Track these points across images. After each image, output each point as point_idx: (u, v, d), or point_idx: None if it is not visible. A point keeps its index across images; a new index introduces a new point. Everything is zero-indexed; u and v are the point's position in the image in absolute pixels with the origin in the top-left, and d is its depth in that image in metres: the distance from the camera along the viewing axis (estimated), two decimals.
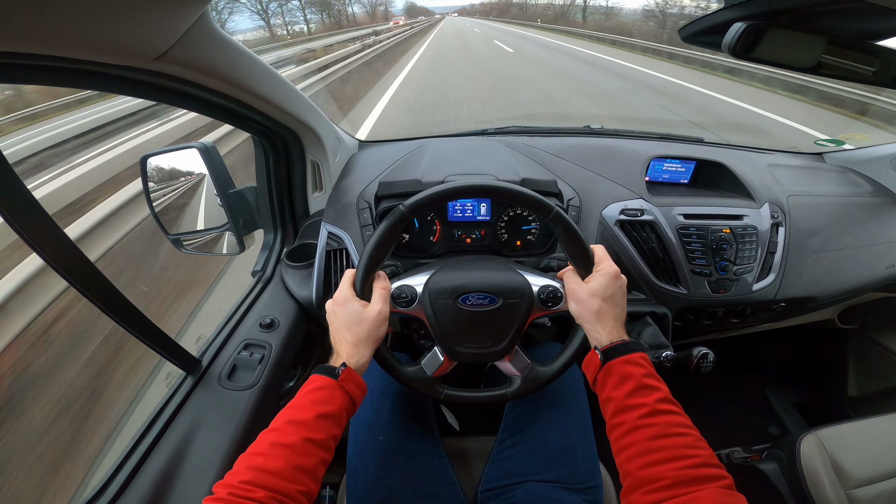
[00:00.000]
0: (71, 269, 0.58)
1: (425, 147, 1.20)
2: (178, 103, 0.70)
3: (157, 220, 0.97)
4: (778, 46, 0.66)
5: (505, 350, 0.75)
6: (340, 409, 0.62)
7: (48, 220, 0.54)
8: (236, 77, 0.71)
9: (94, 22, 0.44)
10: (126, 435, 0.74)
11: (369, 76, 10.66)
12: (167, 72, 0.59)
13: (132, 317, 0.68)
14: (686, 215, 1.04)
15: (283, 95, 0.88)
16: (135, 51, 0.51)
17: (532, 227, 1.04)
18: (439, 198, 0.71)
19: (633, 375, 0.61)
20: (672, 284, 1.02)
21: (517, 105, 6.99)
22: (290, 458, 0.54)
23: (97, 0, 0.41)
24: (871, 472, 0.99)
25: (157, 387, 1.90)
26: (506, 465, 0.86)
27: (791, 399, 1.75)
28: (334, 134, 1.16)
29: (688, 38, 0.73)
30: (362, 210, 1.01)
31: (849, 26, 0.66)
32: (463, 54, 15.93)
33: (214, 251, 1.09)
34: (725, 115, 6.47)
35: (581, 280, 0.71)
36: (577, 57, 14.16)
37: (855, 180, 1.34)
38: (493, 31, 33.46)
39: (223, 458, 0.71)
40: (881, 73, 0.69)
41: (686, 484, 0.50)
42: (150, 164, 0.94)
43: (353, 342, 0.67)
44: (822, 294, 1.10)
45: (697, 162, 1.22)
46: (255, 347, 0.90)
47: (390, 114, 6.51)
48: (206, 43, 0.60)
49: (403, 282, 0.76)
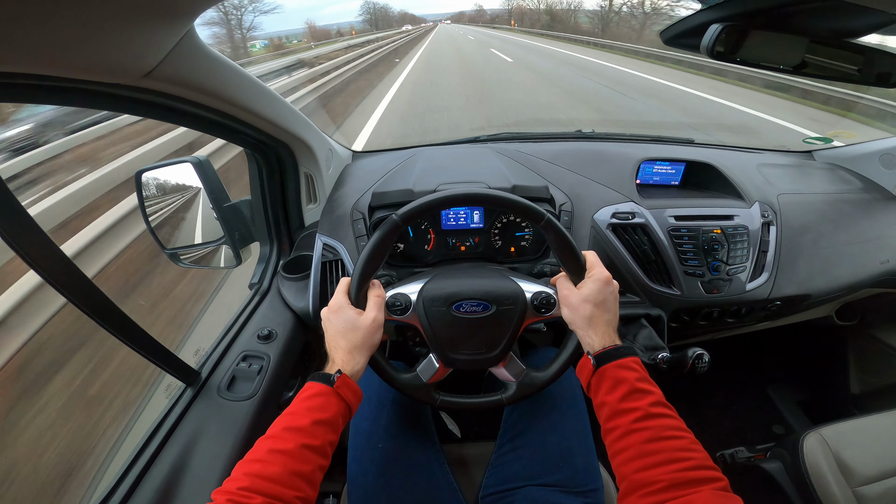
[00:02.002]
0: (67, 285, 0.58)
1: (417, 156, 1.22)
2: (169, 119, 0.70)
3: (153, 234, 0.98)
4: (761, 47, 0.67)
5: (499, 356, 0.75)
6: (336, 415, 0.62)
7: (43, 236, 0.54)
8: (225, 92, 0.72)
9: (81, 41, 0.45)
10: (128, 447, 0.74)
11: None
12: (156, 88, 0.60)
13: (130, 330, 0.68)
14: (677, 217, 1.05)
15: (273, 109, 0.89)
16: (122, 69, 0.52)
17: (525, 233, 1.05)
18: (431, 207, 0.72)
19: (625, 380, 0.62)
20: (665, 286, 1.02)
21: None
22: (288, 465, 0.55)
23: (84, 20, 0.42)
24: (876, 469, 0.99)
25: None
26: (506, 470, 0.86)
27: (794, 397, 1.75)
28: (327, 146, 1.17)
29: (669, 41, 0.74)
30: (356, 221, 1.02)
31: (825, 25, 0.67)
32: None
33: (211, 265, 1.10)
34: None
35: (573, 286, 0.72)
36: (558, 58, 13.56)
37: (844, 177, 1.35)
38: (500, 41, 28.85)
39: (224, 468, 0.72)
40: (865, 71, 0.70)
41: (681, 486, 0.50)
42: (144, 178, 0.95)
43: (348, 349, 0.68)
44: (816, 292, 1.10)
45: (687, 163, 1.23)
46: (253, 358, 0.91)
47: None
48: (193, 59, 0.61)
49: (398, 290, 0.77)
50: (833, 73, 0.71)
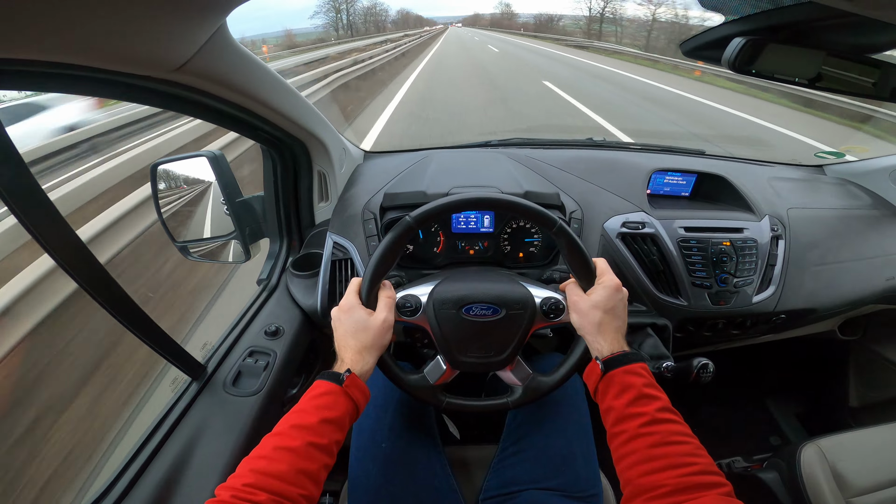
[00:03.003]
0: (81, 271, 0.58)
1: (430, 158, 1.22)
2: (193, 113, 0.71)
3: (164, 227, 0.98)
4: (777, 60, 0.67)
5: (507, 360, 0.76)
6: (344, 414, 0.63)
7: (61, 221, 0.54)
8: (250, 88, 0.73)
9: (117, 33, 0.45)
10: (131, 438, 0.74)
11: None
12: (184, 82, 0.61)
13: (140, 321, 0.69)
14: (687, 228, 1.05)
15: (294, 107, 0.89)
16: (155, 61, 0.53)
17: (535, 239, 1.05)
18: (446, 210, 0.72)
19: (633, 385, 0.62)
20: (673, 296, 1.02)
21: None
22: (294, 462, 0.55)
23: (120, 12, 0.43)
24: (871, 480, 0.99)
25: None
26: (507, 474, 0.87)
27: (792, 409, 1.75)
28: (341, 145, 1.17)
29: (689, 53, 0.74)
30: (367, 221, 1.03)
31: (847, 40, 0.67)
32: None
33: (220, 259, 1.10)
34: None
35: (583, 292, 0.72)
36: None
37: (855, 193, 1.35)
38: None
39: (227, 463, 0.72)
40: (881, 86, 0.69)
41: (686, 491, 0.51)
42: (159, 171, 0.96)
43: (358, 349, 0.68)
44: (821, 306, 1.10)
45: (698, 175, 1.23)
46: (259, 354, 0.91)
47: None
48: (223, 55, 0.62)
49: (408, 291, 0.77)
50: (848, 86, 0.71)
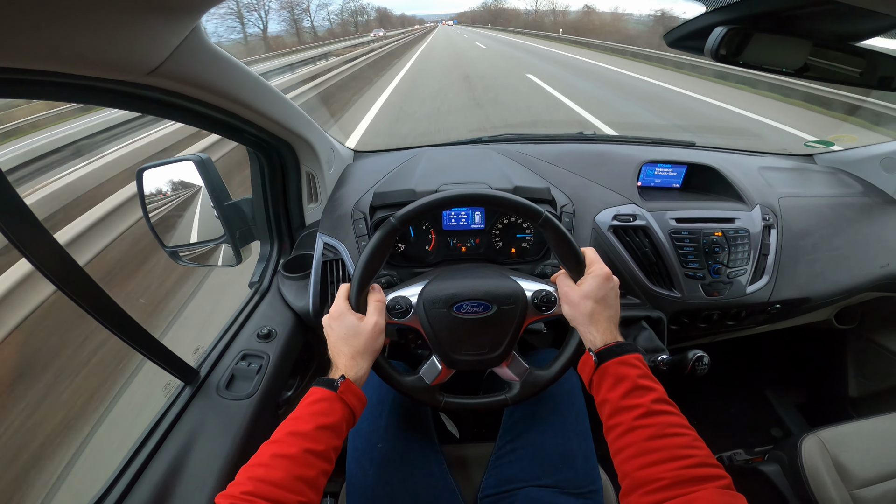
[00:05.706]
0: (64, 278, 0.57)
1: (420, 156, 1.21)
2: (172, 116, 0.70)
3: (153, 232, 0.97)
4: (764, 50, 0.67)
5: (502, 356, 0.75)
6: (340, 420, 0.62)
7: (38, 225, 0.53)
8: (230, 90, 0.72)
9: (88, 38, 0.44)
10: (125, 444, 0.74)
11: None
12: (161, 86, 0.60)
13: (128, 327, 0.68)
14: (678, 219, 1.05)
15: (277, 108, 0.89)
16: (128, 65, 0.52)
17: (527, 234, 1.05)
18: (429, 208, 0.72)
19: (627, 376, 0.62)
20: (666, 288, 1.02)
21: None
22: (291, 469, 0.55)
23: (90, 16, 0.42)
24: (874, 471, 0.98)
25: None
26: (505, 471, 0.86)
27: (792, 400, 1.75)
28: (329, 145, 1.17)
29: (672, 43, 0.74)
30: (357, 220, 1.02)
31: (829, 28, 0.67)
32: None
33: (210, 263, 1.09)
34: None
35: (573, 283, 0.72)
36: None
37: (845, 181, 1.35)
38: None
39: (222, 467, 0.71)
40: (868, 74, 0.70)
41: (684, 484, 0.50)
42: (146, 176, 0.95)
43: (351, 355, 0.68)
44: (816, 295, 1.10)
45: (689, 166, 1.23)
46: (252, 358, 0.91)
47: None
48: (198, 57, 0.61)
49: (398, 293, 0.77)
50: (836, 76, 0.71)
